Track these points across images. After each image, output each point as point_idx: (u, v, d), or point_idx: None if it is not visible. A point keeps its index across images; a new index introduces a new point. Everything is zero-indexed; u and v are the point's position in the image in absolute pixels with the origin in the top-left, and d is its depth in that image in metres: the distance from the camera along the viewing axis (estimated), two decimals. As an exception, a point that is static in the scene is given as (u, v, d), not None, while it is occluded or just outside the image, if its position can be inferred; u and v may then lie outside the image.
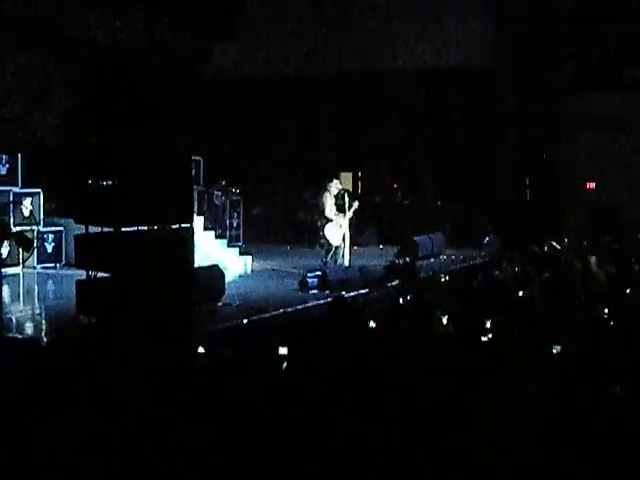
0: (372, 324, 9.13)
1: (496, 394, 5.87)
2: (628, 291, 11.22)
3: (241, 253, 17.88)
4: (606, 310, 9.30)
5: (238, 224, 20.51)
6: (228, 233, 19.65)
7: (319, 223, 15.97)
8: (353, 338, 8.24)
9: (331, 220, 15.58)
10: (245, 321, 10.85)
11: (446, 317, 9.08)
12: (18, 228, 14.96)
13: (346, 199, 15.82)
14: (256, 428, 5.36)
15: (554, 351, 7.22)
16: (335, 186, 15.79)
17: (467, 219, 22.80)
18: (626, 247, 17.00)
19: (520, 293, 11.39)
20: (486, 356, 7.29)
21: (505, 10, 24.04)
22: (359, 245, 19.58)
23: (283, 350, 7.10)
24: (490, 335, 8.07)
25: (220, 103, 23.86)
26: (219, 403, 5.89)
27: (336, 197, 15.73)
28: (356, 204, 15.87)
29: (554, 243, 15.43)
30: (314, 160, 24.57)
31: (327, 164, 23.22)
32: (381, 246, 21.17)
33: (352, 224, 16.08)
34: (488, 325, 8.44)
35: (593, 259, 12.85)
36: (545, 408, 5.59)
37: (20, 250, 15.28)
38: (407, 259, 16.35)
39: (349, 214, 15.72)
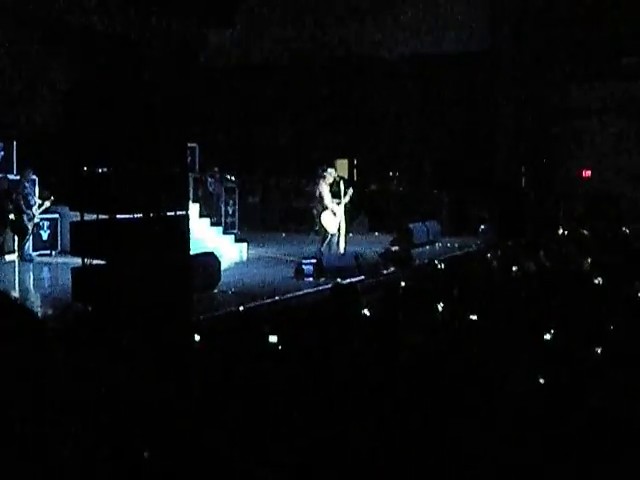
0: (367, 312, 9.13)
1: (490, 381, 5.90)
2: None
3: (237, 240, 17.88)
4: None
5: (234, 211, 20.51)
6: (224, 220, 19.65)
7: (315, 211, 15.98)
8: (351, 326, 8.24)
9: (327, 207, 15.58)
10: (241, 308, 10.86)
11: (441, 304, 9.09)
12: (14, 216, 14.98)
13: (341, 187, 15.82)
14: (250, 416, 5.38)
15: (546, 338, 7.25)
16: (331, 174, 15.80)
17: (463, 207, 22.82)
18: (622, 235, 17.02)
19: (515, 280, 11.40)
20: (480, 343, 7.31)
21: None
22: (349, 232, 19.56)
23: (273, 338, 7.08)
24: (484, 322, 8.08)
25: (215, 90, 23.82)
26: (215, 390, 5.91)
27: (331, 185, 15.74)
28: (350, 191, 15.87)
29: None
30: (310, 147, 24.56)
31: (323, 151, 23.20)
32: (376, 233, 21.18)
33: (346, 211, 16.08)
34: (482, 312, 8.45)
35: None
36: (537, 395, 5.62)
37: (16, 237, 15.33)
38: (402, 246, 16.36)
39: (344, 201, 15.72)
